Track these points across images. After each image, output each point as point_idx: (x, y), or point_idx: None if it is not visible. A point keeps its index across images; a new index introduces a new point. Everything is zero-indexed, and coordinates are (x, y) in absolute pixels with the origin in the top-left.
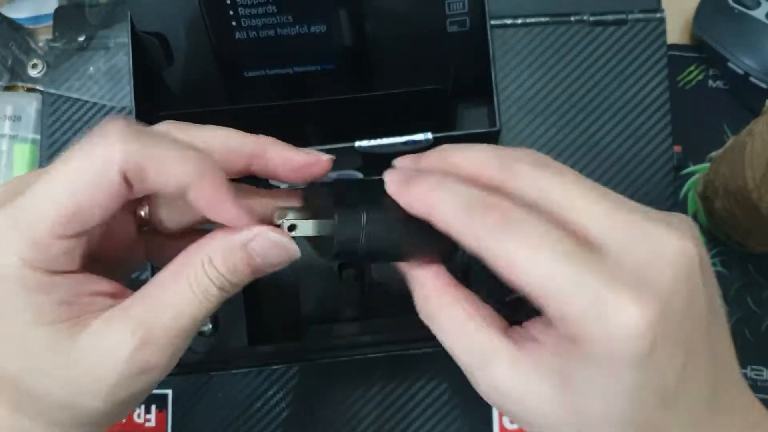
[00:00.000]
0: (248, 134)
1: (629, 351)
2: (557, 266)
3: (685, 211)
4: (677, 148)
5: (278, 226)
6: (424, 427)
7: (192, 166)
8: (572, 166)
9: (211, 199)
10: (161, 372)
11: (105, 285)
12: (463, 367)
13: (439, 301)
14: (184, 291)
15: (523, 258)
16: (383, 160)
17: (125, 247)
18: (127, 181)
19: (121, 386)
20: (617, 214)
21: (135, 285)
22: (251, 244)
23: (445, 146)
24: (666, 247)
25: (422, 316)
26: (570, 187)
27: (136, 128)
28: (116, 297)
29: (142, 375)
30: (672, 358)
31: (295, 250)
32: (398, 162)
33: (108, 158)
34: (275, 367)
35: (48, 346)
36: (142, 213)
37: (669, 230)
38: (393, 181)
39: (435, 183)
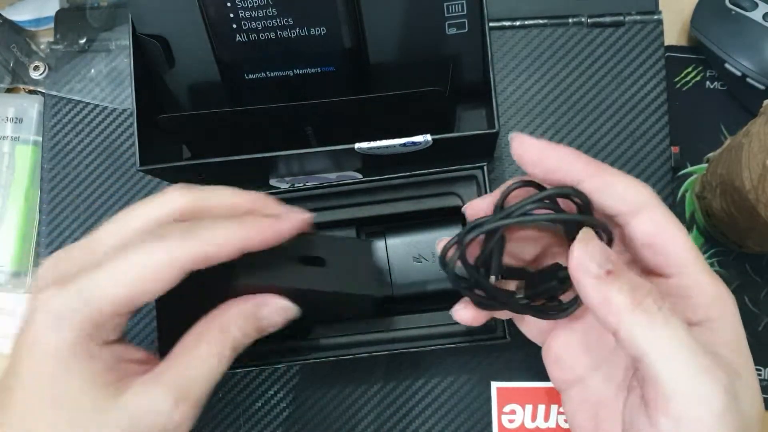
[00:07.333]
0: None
1: None
2: None
3: (682, 212)
4: (675, 149)
5: None
6: (424, 426)
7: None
8: None
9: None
10: (189, 426)
11: (137, 353)
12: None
13: None
14: (206, 356)
15: None
16: (383, 161)
17: None
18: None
19: None
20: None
21: None
22: (262, 311)
23: None
24: None
25: None
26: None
27: (191, 226)
28: (146, 363)
29: (174, 430)
30: None
31: (295, 311)
32: None
33: (173, 262)
34: (276, 366)
35: (94, 407)
36: None
37: None
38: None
39: None
